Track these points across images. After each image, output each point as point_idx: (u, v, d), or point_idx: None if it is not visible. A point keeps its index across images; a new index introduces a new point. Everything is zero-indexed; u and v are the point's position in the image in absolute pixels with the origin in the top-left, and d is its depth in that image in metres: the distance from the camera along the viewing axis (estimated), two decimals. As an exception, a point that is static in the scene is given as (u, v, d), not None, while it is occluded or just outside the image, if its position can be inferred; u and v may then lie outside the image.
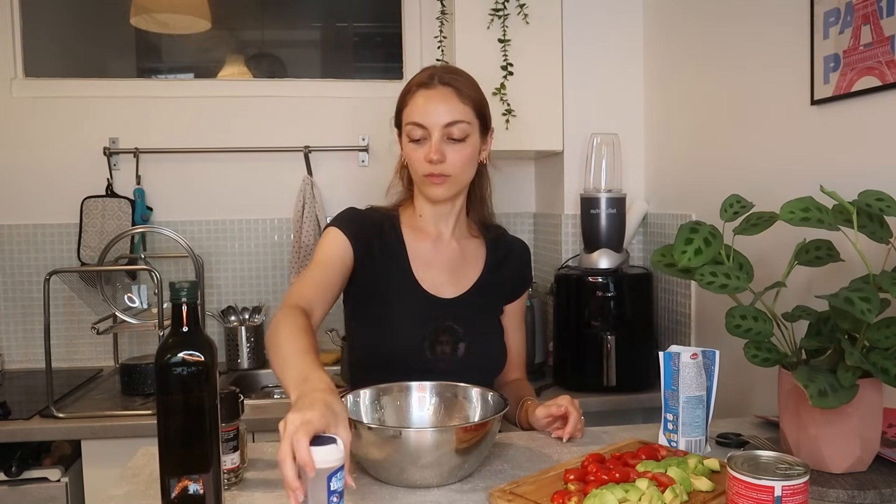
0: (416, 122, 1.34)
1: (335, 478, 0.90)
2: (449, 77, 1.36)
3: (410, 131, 1.35)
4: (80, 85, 2.44)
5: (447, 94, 1.34)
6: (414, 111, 1.34)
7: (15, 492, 1.82)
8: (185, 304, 0.93)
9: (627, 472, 1.02)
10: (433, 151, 1.32)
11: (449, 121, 1.33)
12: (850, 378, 0.98)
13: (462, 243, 1.47)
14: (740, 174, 1.74)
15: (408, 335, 1.36)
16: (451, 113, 1.33)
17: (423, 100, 1.34)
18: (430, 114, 1.33)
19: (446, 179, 1.35)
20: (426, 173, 1.34)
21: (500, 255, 1.49)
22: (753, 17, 1.67)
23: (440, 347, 1.38)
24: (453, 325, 1.38)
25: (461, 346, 1.39)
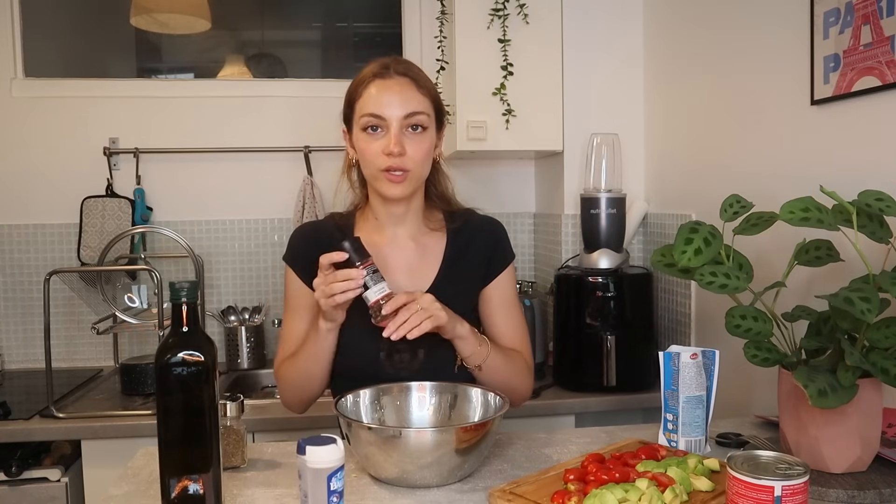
0: (372, 113, 1.26)
1: (335, 478, 0.90)
2: (404, 67, 1.30)
3: (366, 123, 1.26)
4: (80, 85, 2.44)
5: (405, 85, 1.28)
6: (369, 102, 1.27)
7: (15, 492, 1.82)
8: (185, 304, 0.93)
9: (627, 472, 1.02)
10: (393, 143, 1.24)
11: (409, 111, 1.26)
12: (849, 378, 0.98)
13: (420, 241, 1.38)
14: (740, 174, 1.74)
15: (363, 349, 1.30)
16: (410, 104, 1.27)
17: (380, 90, 1.27)
18: (388, 105, 1.25)
19: (406, 175, 1.27)
20: (384, 167, 1.26)
21: (462, 243, 1.39)
22: (753, 17, 1.67)
23: (398, 356, 1.31)
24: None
25: (420, 352, 1.31)
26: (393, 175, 1.27)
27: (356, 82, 1.32)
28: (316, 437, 0.91)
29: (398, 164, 1.26)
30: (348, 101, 1.33)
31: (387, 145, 1.25)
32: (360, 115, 1.29)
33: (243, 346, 2.35)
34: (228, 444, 1.15)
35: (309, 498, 0.91)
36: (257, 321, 2.41)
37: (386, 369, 1.31)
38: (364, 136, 1.28)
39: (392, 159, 1.25)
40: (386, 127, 1.27)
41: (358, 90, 1.30)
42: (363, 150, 1.29)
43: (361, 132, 1.29)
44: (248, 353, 2.36)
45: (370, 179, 1.32)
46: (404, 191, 1.29)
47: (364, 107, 1.28)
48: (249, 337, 2.36)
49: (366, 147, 1.28)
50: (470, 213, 1.44)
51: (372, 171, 1.29)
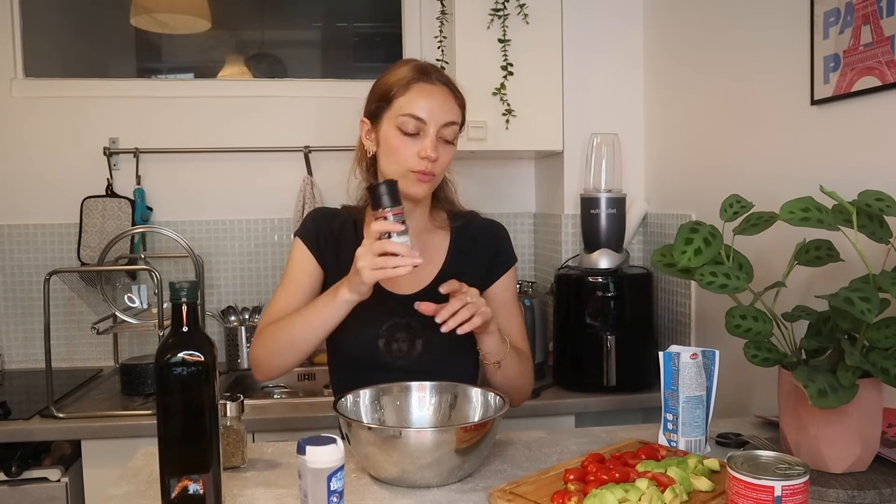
0: (415, 115, 1.28)
1: (335, 478, 0.91)
2: (443, 76, 1.35)
3: (404, 123, 1.29)
4: (80, 85, 2.44)
5: (446, 94, 1.32)
6: (413, 103, 1.29)
7: (15, 492, 1.82)
8: (185, 304, 0.93)
9: (627, 472, 1.02)
10: (431, 149, 1.28)
11: (447, 121, 1.31)
12: (849, 378, 0.98)
13: (424, 237, 1.41)
14: (740, 174, 1.74)
15: (362, 334, 1.34)
16: (449, 113, 1.31)
17: (423, 94, 1.30)
18: (430, 110, 1.29)
19: (432, 178, 1.32)
20: (416, 169, 1.29)
21: (466, 242, 1.43)
22: (753, 17, 1.67)
23: (396, 345, 1.35)
24: (410, 321, 1.34)
25: (418, 342, 1.35)
26: (422, 176, 1.31)
27: (394, 81, 1.32)
28: (316, 437, 0.91)
29: (430, 168, 1.30)
30: (381, 96, 1.33)
31: (423, 149, 1.29)
32: (399, 113, 1.30)
33: (243, 346, 2.35)
34: (228, 444, 1.15)
35: (309, 498, 0.91)
36: (257, 321, 2.41)
37: (383, 356, 1.35)
38: (399, 134, 1.30)
39: (425, 163, 1.29)
40: (423, 131, 1.30)
41: (397, 89, 1.31)
42: (396, 148, 1.31)
43: (396, 130, 1.30)
44: (249, 353, 2.36)
45: (394, 176, 1.32)
46: (427, 192, 1.35)
47: (405, 107, 1.30)
48: (249, 337, 2.36)
49: (399, 146, 1.30)
50: (473, 214, 1.48)
51: (400, 169, 1.31)
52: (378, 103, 1.34)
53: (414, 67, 1.33)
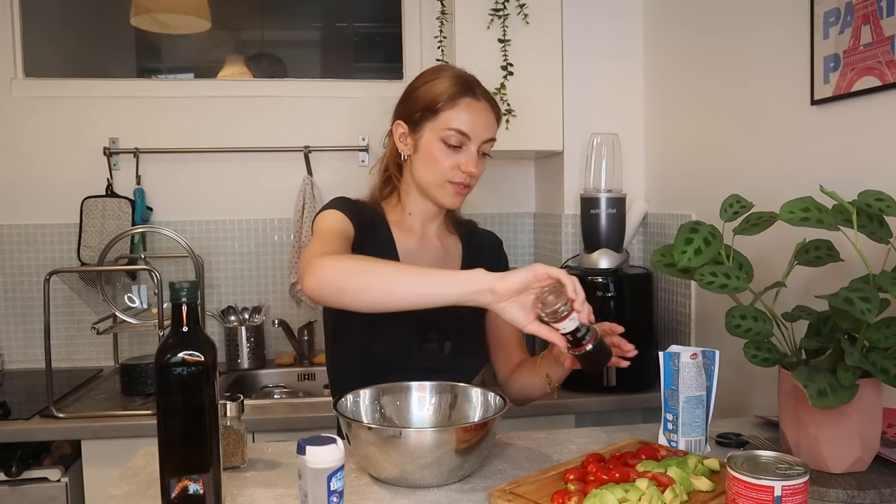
0: (461, 129, 1.32)
1: (335, 478, 0.90)
2: (486, 91, 1.38)
3: (449, 137, 1.32)
4: (80, 85, 2.44)
5: (489, 111, 1.36)
6: (459, 118, 1.32)
7: (15, 492, 1.82)
8: (185, 304, 0.93)
9: (627, 472, 1.02)
10: (473, 164, 1.33)
11: (488, 137, 1.35)
12: (849, 378, 0.98)
13: (444, 242, 1.47)
14: (740, 174, 1.74)
15: (398, 333, 1.35)
16: (491, 129, 1.36)
17: (470, 111, 1.33)
18: (476, 127, 1.33)
19: (468, 190, 1.37)
20: (456, 181, 1.34)
21: (476, 250, 1.50)
22: (753, 17, 1.67)
23: (428, 346, 1.38)
24: (440, 322, 1.36)
25: (447, 344, 1.40)
26: (459, 188, 1.35)
27: (439, 92, 1.33)
28: (316, 437, 0.91)
29: (469, 181, 1.35)
30: (427, 106, 1.34)
31: (466, 163, 1.33)
32: (445, 126, 1.32)
33: (243, 346, 2.36)
34: (228, 444, 1.15)
35: (309, 498, 0.91)
36: (257, 321, 2.41)
37: (414, 357, 1.37)
38: (442, 146, 1.33)
39: (465, 177, 1.34)
40: (465, 145, 1.33)
41: (443, 101, 1.33)
42: (437, 159, 1.34)
43: (439, 142, 1.33)
44: (248, 353, 2.36)
45: (430, 185, 1.37)
46: (461, 202, 1.39)
47: (451, 121, 1.32)
48: (249, 337, 2.36)
49: (441, 158, 1.33)
50: (473, 223, 1.55)
51: (439, 180, 1.35)
52: (422, 112, 1.35)
53: (458, 80, 1.35)
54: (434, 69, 1.42)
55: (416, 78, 1.41)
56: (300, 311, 2.51)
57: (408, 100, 1.39)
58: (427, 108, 1.35)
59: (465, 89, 1.34)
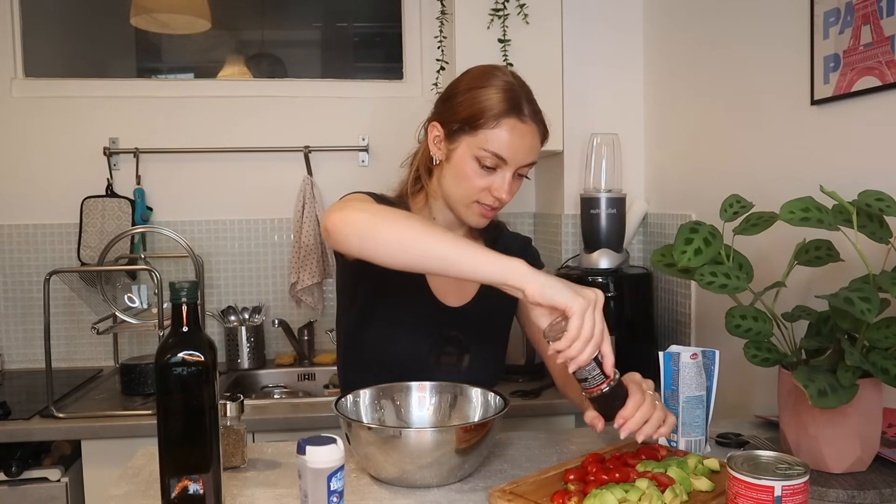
0: (499, 154, 1.21)
1: (335, 478, 0.91)
2: (534, 110, 1.25)
3: (485, 158, 1.21)
4: (80, 85, 2.44)
5: (534, 133, 1.24)
6: (499, 141, 1.21)
7: (15, 492, 1.82)
8: (185, 304, 0.93)
9: (627, 472, 1.02)
10: (506, 191, 1.23)
11: (529, 162, 1.25)
12: (849, 378, 0.98)
13: None
14: (740, 174, 1.74)
15: (414, 342, 1.30)
16: (532, 154, 1.25)
17: (514, 134, 1.21)
18: (518, 151, 1.22)
19: (496, 212, 1.28)
20: (484, 202, 1.25)
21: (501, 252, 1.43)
22: (753, 17, 1.67)
23: (445, 358, 1.33)
24: (459, 334, 1.33)
25: (466, 357, 1.34)
26: (486, 210, 1.26)
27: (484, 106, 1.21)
28: (316, 437, 0.91)
29: (497, 205, 1.26)
30: (467, 117, 1.23)
31: (497, 188, 1.23)
32: (482, 146, 1.22)
33: (243, 346, 2.36)
34: (228, 444, 1.15)
35: (309, 498, 0.91)
36: (257, 321, 2.41)
37: (431, 370, 1.31)
38: (475, 165, 1.23)
39: (495, 201, 1.25)
40: (501, 167, 1.23)
41: (487, 118, 1.21)
42: (468, 176, 1.24)
43: (473, 160, 1.23)
44: (248, 353, 2.36)
45: (456, 201, 1.28)
46: (486, 223, 1.30)
47: (490, 142, 1.21)
48: (249, 337, 2.36)
49: (472, 176, 1.23)
50: (502, 226, 1.46)
51: (465, 198, 1.26)
52: (461, 124, 1.24)
53: (507, 95, 1.22)
54: (484, 73, 1.27)
55: (463, 77, 1.29)
56: (300, 311, 2.51)
57: (449, 103, 1.27)
58: (467, 120, 1.23)
59: (511, 108, 1.21)
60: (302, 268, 2.38)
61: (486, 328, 1.36)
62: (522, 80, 1.28)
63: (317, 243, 2.40)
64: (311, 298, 2.42)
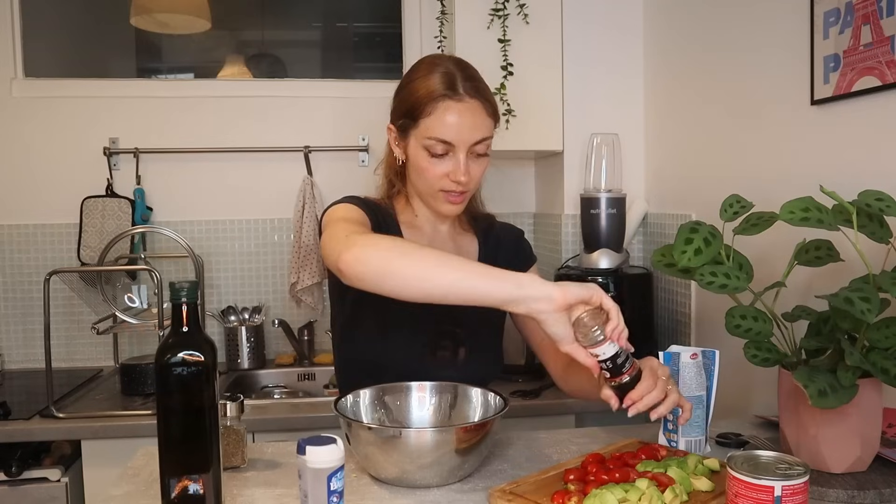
0: (441, 139, 1.21)
1: (335, 478, 0.90)
2: (472, 85, 1.23)
3: (432, 146, 1.22)
4: (80, 85, 2.44)
5: (476, 109, 1.23)
6: (439, 126, 1.21)
7: (15, 492, 1.82)
8: (185, 304, 0.93)
9: (627, 472, 1.02)
10: (462, 172, 1.22)
11: (478, 139, 1.23)
12: (849, 378, 0.98)
13: (457, 240, 1.40)
14: (740, 174, 1.74)
15: (409, 338, 1.30)
16: (480, 130, 1.23)
17: (452, 115, 1.21)
18: (459, 131, 1.21)
19: (464, 196, 1.28)
20: (446, 189, 1.25)
21: (493, 245, 1.41)
22: (753, 17, 1.67)
23: (441, 353, 1.33)
24: (453, 328, 1.33)
25: (462, 350, 1.34)
26: (453, 196, 1.27)
27: (420, 94, 1.22)
28: (316, 437, 0.91)
29: (461, 188, 1.25)
30: (408, 111, 1.25)
31: (453, 171, 1.23)
32: (424, 135, 1.22)
33: (243, 346, 2.36)
34: (228, 444, 1.15)
35: (309, 498, 0.91)
36: (257, 321, 2.41)
37: (427, 365, 1.31)
38: (426, 156, 1.24)
39: (456, 185, 1.25)
40: (452, 151, 1.23)
41: (423, 106, 1.22)
42: (424, 168, 1.25)
43: (423, 151, 1.24)
44: (248, 353, 2.36)
45: (424, 194, 1.30)
46: (461, 210, 1.31)
47: (431, 129, 1.22)
48: (249, 337, 2.36)
49: (427, 167, 1.24)
50: (492, 217, 1.46)
51: (430, 189, 1.27)
52: (404, 119, 1.26)
53: (441, 78, 1.22)
54: (418, 64, 1.28)
55: (407, 73, 1.30)
56: (300, 311, 2.51)
57: (395, 100, 1.30)
58: (408, 114, 1.25)
59: (444, 91, 1.21)
60: (302, 268, 2.38)
61: (480, 321, 1.34)
62: (462, 62, 1.28)
63: (317, 243, 2.40)
64: (311, 298, 2.42)
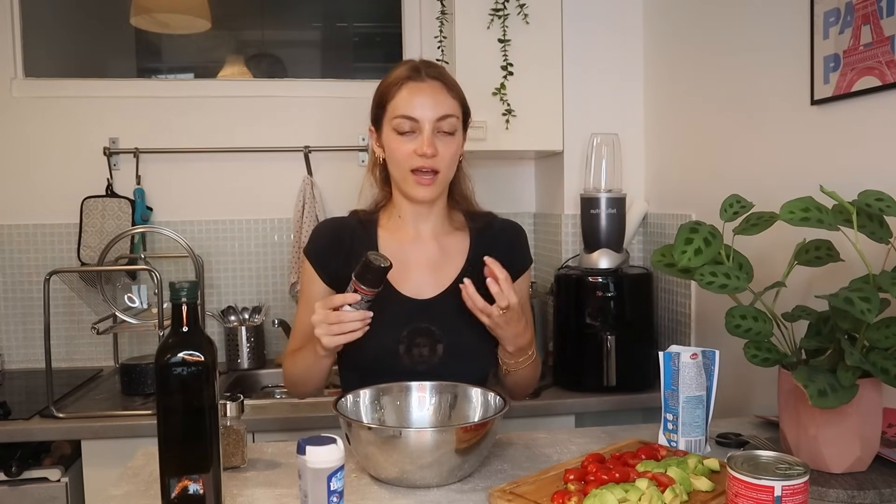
0: (406, 115, 1.29)
1: (335, 478, 0.91)
2: (435, 71, 1.35)
3: (399, 125, 1.30)
4: (80, 85, 2.44)
5: (437, 88, 1.32)
6: (402, 104, 1.30)
7: (15, 492, 1.82)
8: (185, 304, 0.93)
9: (627, 472, 1.02)
10: (426, 145, 1.28)
11: (441, 115, 1.30)
12: (849, 378, 0.98)
13: (442, 241, 1.41)
14: (740, 174, 1.74)
15: (382, 340, 1.31)
16: (442, 107, 1.30)
17: (413, 93, 1.30)
18: (422, 107, 1.29)
19: (435, 178, 1.31)
20: (415, 167, 1.30)
21: (486, 244, 1.41)
22: (753, 17, 1.67)
23: (417, 350, 1.33)
24: (430, 326, 1.34)
25: (439, 347, 1.34)
26: (423, 178, 1.31)
27: (387, 84, 1.34)
28: (316, 437, 0.91)
29: (430, 164, 1.30)
30: (378, 102, 1.35)
31: (420, 146, 1.29)
32: (392, 116, 1.31)
33: (243, 346, 2.35)
34: (228, 444, 1.15)
35: (309, 498, 0.91)
36: (257, 321, 2.41)
37: (404, 362, 1.33)
38: (395, 136, 1.31)
39: (424, 160, 1.29)
40: (418, 129, 1.30)
41: (390, 92, 1.32)
42: (394, 149, 1.32)
43: (393, 132, 1.32)
44: (248, 353, 2.36)
45: (398, 181, 1.35)
46: (433, 193, 1.34)
47: (397, 108, 1.31)
48: (249, 337, 2.36)
49: (397, 147, 1.31)
50: (491, 215, 1.48)
51: (402, 172, 1.32)
52: (377, 110, 1.36)
53: (403, 68, 1.34)
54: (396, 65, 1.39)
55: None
56: (300, 311, 2.51)
57: (372, 102, 1.39)
58: (379, 104, 1.35)
59: (409, 75, 1.31)
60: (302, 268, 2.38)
61: (458, 319, 1.33)
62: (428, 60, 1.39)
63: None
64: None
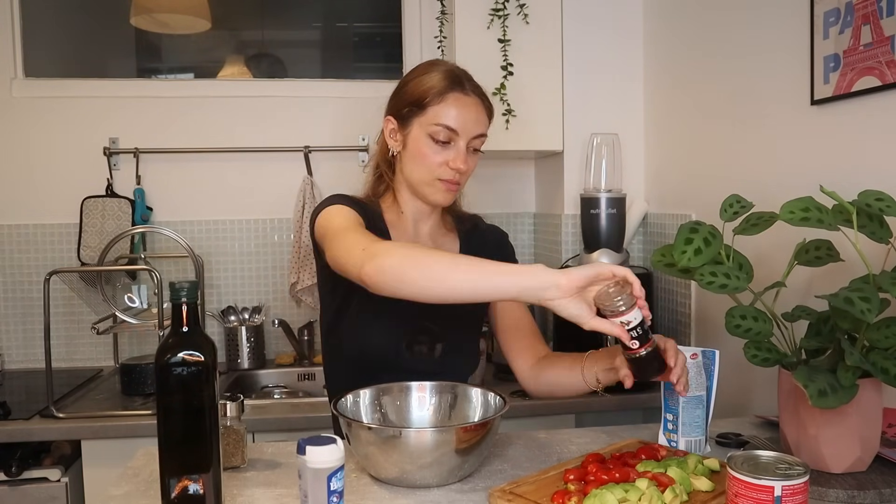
0: (449, 126, 1.29)
1: (335, 478, 0.91)
2: (476, 86, 1.35)
3: (437, 132, 1.30)
4: (80, 85, 2.44)
5: (479, 106, 1.34)
6: (447, 114, 1.30)
7: (15, 492, 1.82)
8: (185, 304, 0.93)
9: (627, 472, 1.02)
10: (462, 161, 1.30)
11: (478, 133, 1.33)
12: (849, 378, 0.98)
13: (437, 240, 1.43)
14: (740, 174, 1.74)
15: (384, 337, 1.32)
16: (480, 125, 1.33)
17: (458, 106, 1.30)
18: (465, 121, 1.30)
19: (458, 187, 1.35)
20: (444, 178, 1.32)
21: (475, 246, 1.43)
22: (753, 17, 1.67)
23: (417, 347, 1.36)
24: (430, 324, 1.35)
25: (438, 346, 1.37)
26: (450, 185, 1.33)
27: (427, 86, 1.31)
28: (316, 437, 0.91)
29: (457, 178, 1.33)
30: (413, 101, 1.32)
31: (454, 159, 1.30)
32: (431, 121, 1.30)
33: (243, 346, 2.36)
34: (228, 444, 1.15)
35: (309, 498, 0.91)
36: (257, 321, 2.41)
37: (405, 359, 1.34)
38: (429, 142, 1.31)
39: (454, 174, 1.31)
40: (454, 141, 1.31)
41: (430, 96, 1.31)
42: (425, 155, 1.31)
43: (427, 137, 1.31)
44: (248, 353, 2.36)
45: (417, 182, 1.34)
46: (452, 200, 1.37)
47: (439, 116, 1.30)
48: (249, 337, 2.36)
49: (429, 154, 1.31)
50: (477, 218, 1.51)
51: (428, 177, 1.33)
52: (410, 107, 1.33)
53: (448, 75, 1.33)
54: (427, 64, 1.39)
55: (409, 72, 1.38)
56: (300, 311, 2.51)
57: (398, 95, 1.37)
58: (415, 102, 1.32)
59: (453, 84, 1.31)
60: (302, 268, 2.38)
61: (458, 318, 1.37)
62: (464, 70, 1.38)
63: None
64: (311, 298, 2.42)
